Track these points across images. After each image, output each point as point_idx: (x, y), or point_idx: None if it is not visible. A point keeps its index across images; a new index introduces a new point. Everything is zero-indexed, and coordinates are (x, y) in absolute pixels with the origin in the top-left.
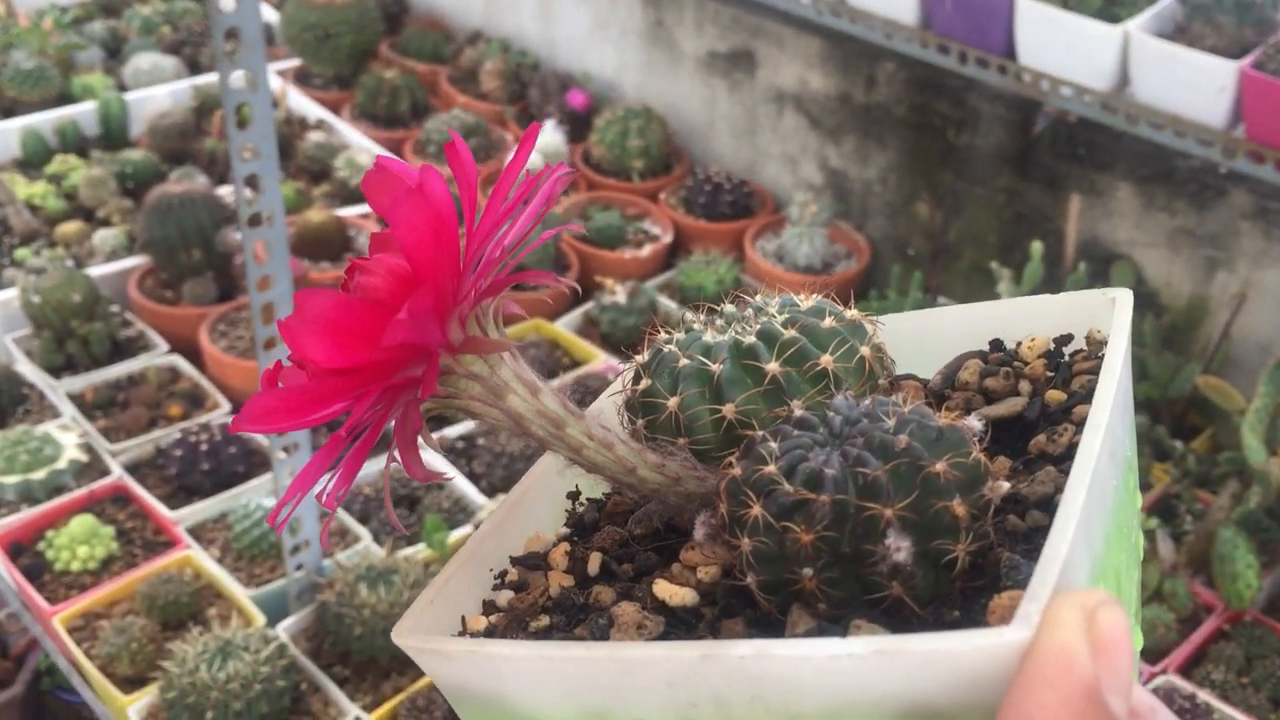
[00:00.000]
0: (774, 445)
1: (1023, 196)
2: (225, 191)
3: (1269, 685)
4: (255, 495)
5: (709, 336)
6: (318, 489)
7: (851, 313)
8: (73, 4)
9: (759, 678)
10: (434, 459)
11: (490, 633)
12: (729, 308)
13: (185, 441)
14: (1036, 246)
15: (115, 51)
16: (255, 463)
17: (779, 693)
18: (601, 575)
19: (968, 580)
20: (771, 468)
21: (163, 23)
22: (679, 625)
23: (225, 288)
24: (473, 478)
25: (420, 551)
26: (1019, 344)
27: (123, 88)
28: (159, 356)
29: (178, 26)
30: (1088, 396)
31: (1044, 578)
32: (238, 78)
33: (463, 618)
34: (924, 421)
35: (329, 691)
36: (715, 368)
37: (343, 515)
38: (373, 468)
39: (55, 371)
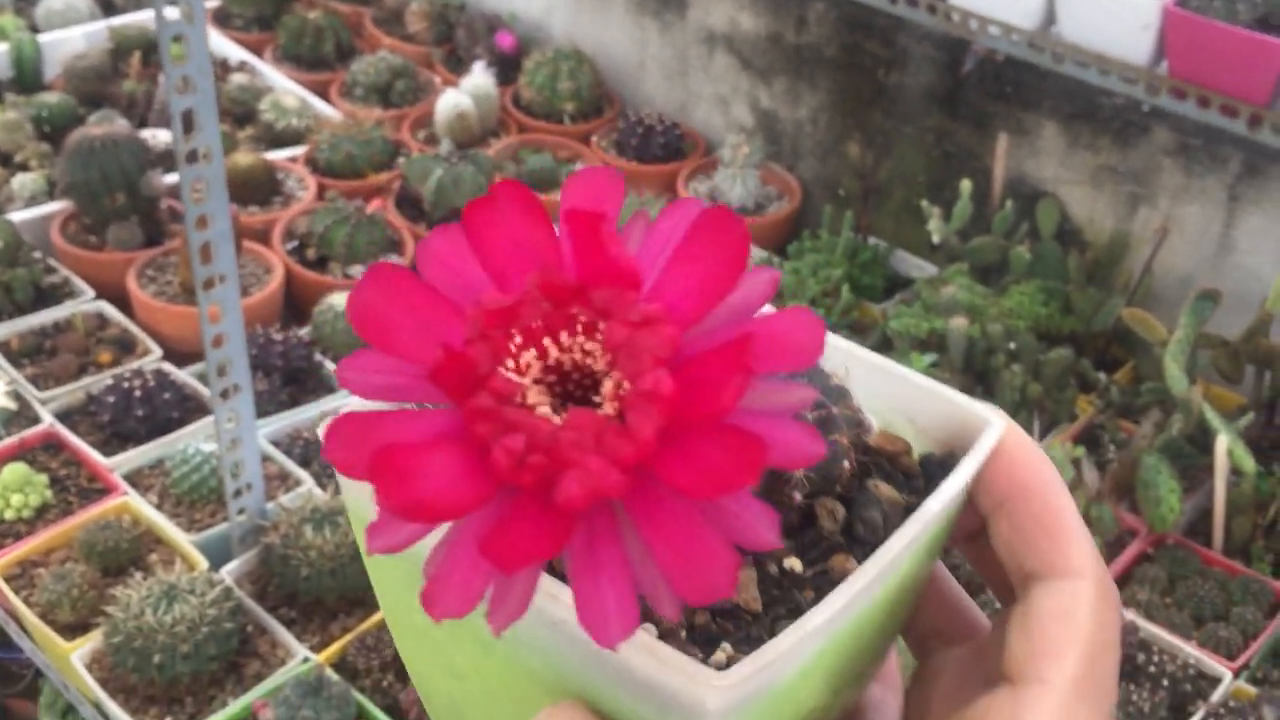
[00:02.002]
0: None
1: (952, 136)
2: (147, 134)
3: (1191, 604)
4: (193, 440)
5: None
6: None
7: None
8: None
9: None
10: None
11: None
12: None
13: (118, 388)
14: (965, 185)
15: None
16: (190, 409)
17: None
18: None
19: None
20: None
21: None
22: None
23: (151, 233)
24: None
25: None
26: None
27: (35, 29)
28: (85, 303)
29: None
30: None
31: None
32: (172, 11)
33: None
34: None
35: (276, 633)
36: None
37: (282, 459)
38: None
39: None
